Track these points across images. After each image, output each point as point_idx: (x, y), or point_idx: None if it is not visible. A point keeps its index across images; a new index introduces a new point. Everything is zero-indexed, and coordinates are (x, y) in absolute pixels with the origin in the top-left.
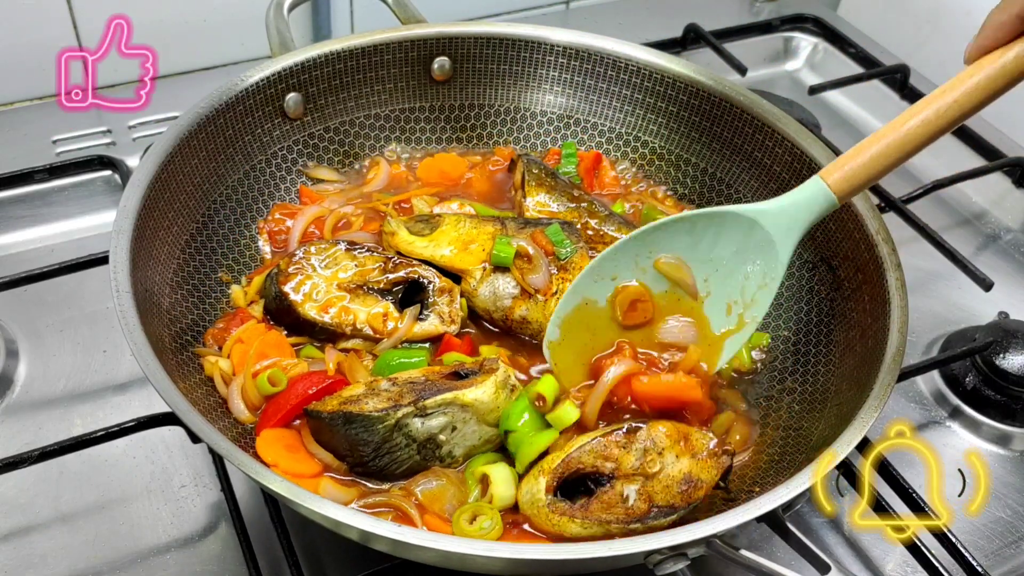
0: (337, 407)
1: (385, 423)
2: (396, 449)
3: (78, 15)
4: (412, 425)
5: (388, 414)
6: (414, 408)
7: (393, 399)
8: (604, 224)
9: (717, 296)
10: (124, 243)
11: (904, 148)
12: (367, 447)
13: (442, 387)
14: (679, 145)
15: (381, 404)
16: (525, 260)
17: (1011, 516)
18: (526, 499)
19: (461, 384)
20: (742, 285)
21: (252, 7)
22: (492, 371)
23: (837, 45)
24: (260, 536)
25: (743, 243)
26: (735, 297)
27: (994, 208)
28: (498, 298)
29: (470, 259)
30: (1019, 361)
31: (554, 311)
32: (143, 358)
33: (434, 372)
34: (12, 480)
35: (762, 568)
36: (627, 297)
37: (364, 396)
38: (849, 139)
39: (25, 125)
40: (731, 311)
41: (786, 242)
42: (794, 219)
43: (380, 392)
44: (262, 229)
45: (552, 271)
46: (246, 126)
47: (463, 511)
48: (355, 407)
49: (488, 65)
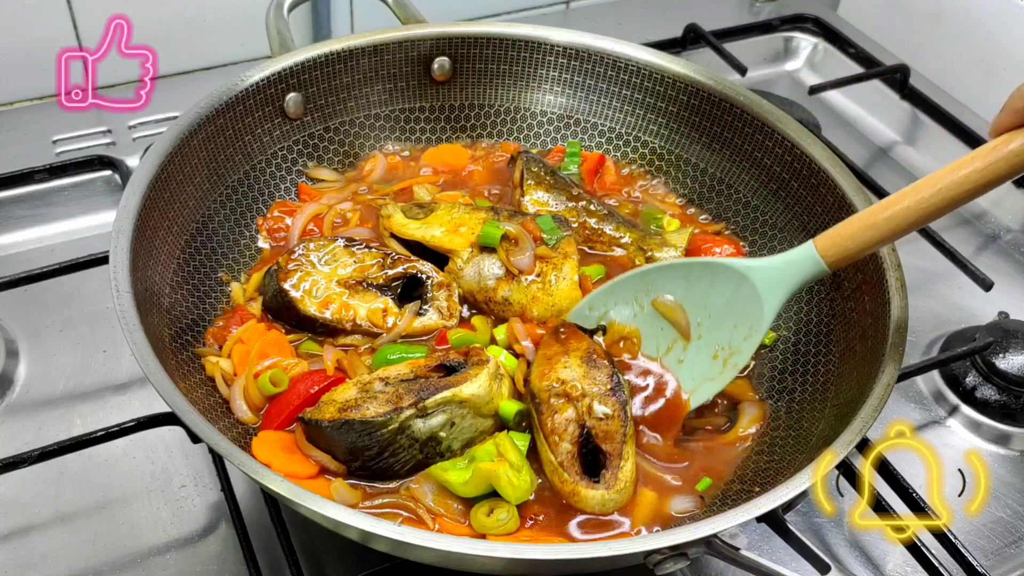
0: (337, 414)
1: (388, 428)
2: (400, 451)
3: (78, 15)
4: (414, 426)
5: (391, 418)
6: (415, 410)
7: (391, 401)
8: (603, 223)
9: (707, 341)
10: (124, 243)
11: (899, 226)
12: (370, 451)
13: (438, 385)
14: (679, 145)
15: (382, 408)
16: (512, 243)
17: (1011, 516)
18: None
19: (456, 380)
20: (730, 333)
21: (252, 7)
22: (483, 363)
23: (837, 45)
24: (260, 536)
25: (734, 294)
26: (723, 343)
27: (994, 208)
28: (483, 279)
29: (459, 240)
30: (1019, 361)
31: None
32: (143, 358)
33: (421, 366)
34: (12, 480)
35: (762, 568)
36: (616, 333)
37: (361, 400)
38: (849, 139)
39: (25, 125)
40: (717, 357)
41: (771, 299)
42: (782, 279)
43: (376, 394)
44: (261, 226)
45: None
46: (246, 126)
47: (480, 506)
48: (356, 414)
49: (488, 65)
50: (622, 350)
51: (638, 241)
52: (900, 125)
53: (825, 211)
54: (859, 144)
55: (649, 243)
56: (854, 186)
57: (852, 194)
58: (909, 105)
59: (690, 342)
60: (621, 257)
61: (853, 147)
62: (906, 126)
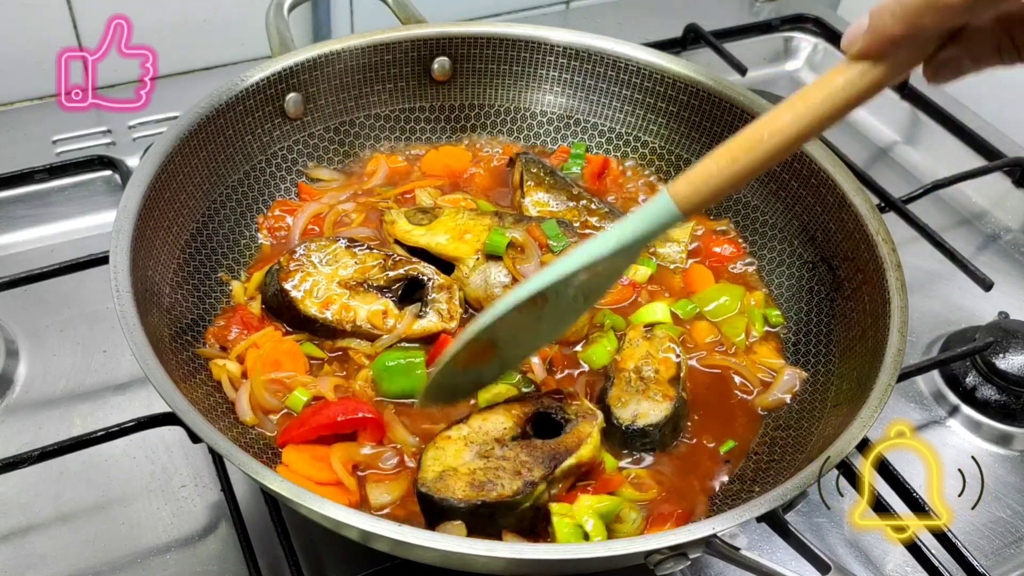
0: (471, 494)
1: (524, 505)
2: (524, 519)
3: (78, 15)
4: (543, 497)
5: (528, 495)
6: (546, 483)
7: (519, 472)
8: (604, 221)
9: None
10: (124, 243)
11: (766, 156)
12: (503, 520)
13: (560, 450)
14: (679, 145)
15: (515, 484)
16: (518, 250)
17: (1011, 516)
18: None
19: (571, 442)
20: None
21: (252, 7)
22: (591, 416)
23: (837, 45)
24: (260, 536)
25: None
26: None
27: (994, 208)
28: (489, 287)
29: (465, 248)
30: (1019, 361)
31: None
32: (143, 358)
33: (517, 417)
34: (12, 480)
35: (762, 568)
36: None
37: (486, 471)
38: (849, 139)
39: (25, 125)
40: (576, 299)
41: (629, 258)
42: (637, 233)
43: (499, 463)
44: (262, 225)
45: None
46: (246, 126)
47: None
48: (493, 493)
49: (488, 65)
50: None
51: None
52: (900, 125)
53: (825, 211)
54: (859, 144)
55: None
56: (854, 186)
57: (852, 194)
58: (909, 105)
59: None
60: None
61: (853, 147)
62: (906, 126)
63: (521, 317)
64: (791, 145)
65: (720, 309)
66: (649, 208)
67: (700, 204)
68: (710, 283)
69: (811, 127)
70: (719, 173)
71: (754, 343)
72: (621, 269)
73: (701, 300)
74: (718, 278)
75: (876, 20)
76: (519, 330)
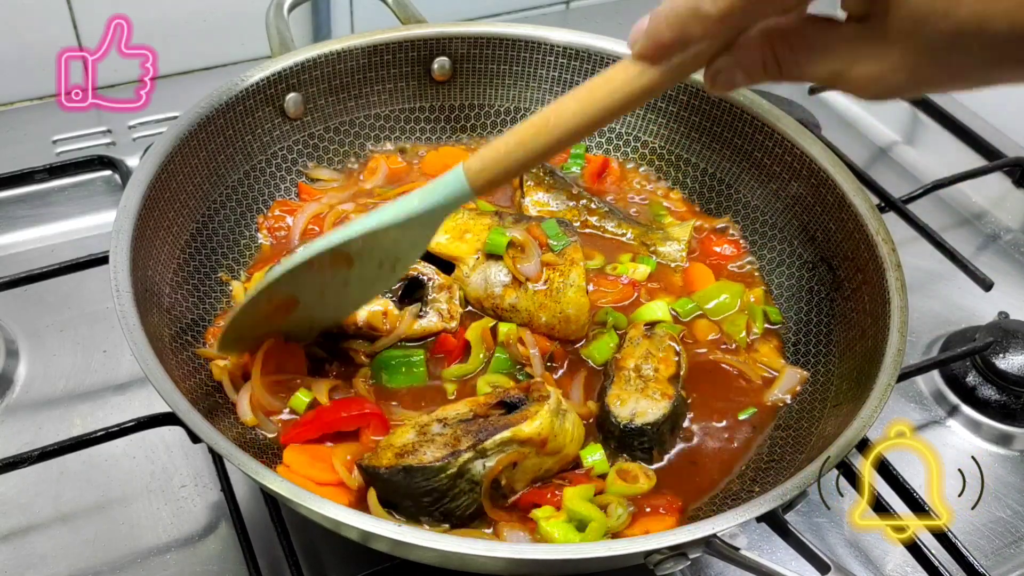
0: (394, 460)
1: (447, 472)
2: (460, 495)
3: (78, 15)
4: (474, 469)
5: (449, 463)
6: (474, 452)
7: (449, 444)
8: (604, 220)
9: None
10: (124, 243)
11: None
12: (430, 497)
13: (497, 425)
14: (679, 145)
15: (440, 452)
16: (519, 250)
17: (1011, 516)
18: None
19: (516, 419)
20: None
21: (252, 7)
22: (543, 399)
23: None
24: (260, 536)
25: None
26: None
27: (994, 208)
28: (489, 286)
29: (465, 247)
30: (1019, 361)
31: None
32: (143, 358)
33: (480, 404)
34: (12, 480)
35: (762, 568)
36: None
37: (419, 444)
38: (849, 139)
39: (25, 125)
40: (383, 266)
41: (429, 232)
42: (434, 209)
43: (433, 437)
44: (262, 225)
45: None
46: (246, 126)
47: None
48: (414, 459)
49: (488, 65)
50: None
51: (640, 236)
52: (900, 125)
53: (825, 211)
54: (859, 144)
55: (652, 237)
56: (854, 186)
57: (852, 194)
58: (909, 105)
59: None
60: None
61: (853, 147)
62: (906, 126)
63: (324, 277)
64: (575, 134)
65: (720, 307)
66: (442, 181)
67: (490, 182)
68: (710, 281)
69: (593, 120)
70: (507, 155)
71: (755, 341)
72: (421, 240)
73: (701, 298)
74: (718, 277)
75: (652, 24)
76: (325, 290)
